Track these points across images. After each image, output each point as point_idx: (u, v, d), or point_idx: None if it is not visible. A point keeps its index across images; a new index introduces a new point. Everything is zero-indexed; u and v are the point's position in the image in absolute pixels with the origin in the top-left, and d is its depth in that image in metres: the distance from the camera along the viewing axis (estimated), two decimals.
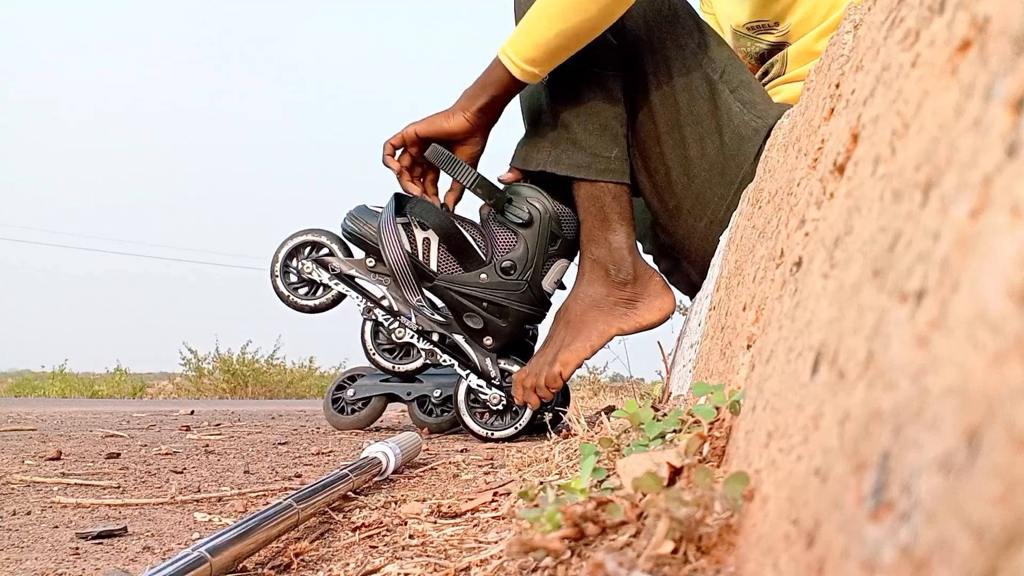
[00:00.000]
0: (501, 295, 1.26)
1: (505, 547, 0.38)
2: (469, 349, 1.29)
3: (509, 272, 1.25)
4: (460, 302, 1.26)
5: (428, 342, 1.29)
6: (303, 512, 0.54)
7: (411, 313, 1.28)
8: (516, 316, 1.27)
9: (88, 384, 8.36)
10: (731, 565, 0.28)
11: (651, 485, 0.33)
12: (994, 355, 0.13)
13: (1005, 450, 0.12)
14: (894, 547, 0.15)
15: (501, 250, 1.26)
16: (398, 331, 1.29)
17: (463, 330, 1.29)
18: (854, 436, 0.19)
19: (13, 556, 0.51)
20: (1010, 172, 0.15)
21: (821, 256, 0.31)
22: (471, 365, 1.29)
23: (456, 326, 1.29)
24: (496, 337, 1.28)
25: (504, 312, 1.26)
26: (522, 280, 1.26)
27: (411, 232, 1.26)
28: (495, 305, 1.26)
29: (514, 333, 1.28)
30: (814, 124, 0.45)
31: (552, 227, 1.24)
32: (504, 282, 1.25)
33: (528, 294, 1.26)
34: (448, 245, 1.25)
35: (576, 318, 1.26)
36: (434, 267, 1.26)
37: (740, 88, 1.20)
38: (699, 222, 1.24)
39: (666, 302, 1.29)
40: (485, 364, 1.29)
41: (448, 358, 1.29)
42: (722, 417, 0.45)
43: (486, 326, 1.27)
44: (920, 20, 0.25)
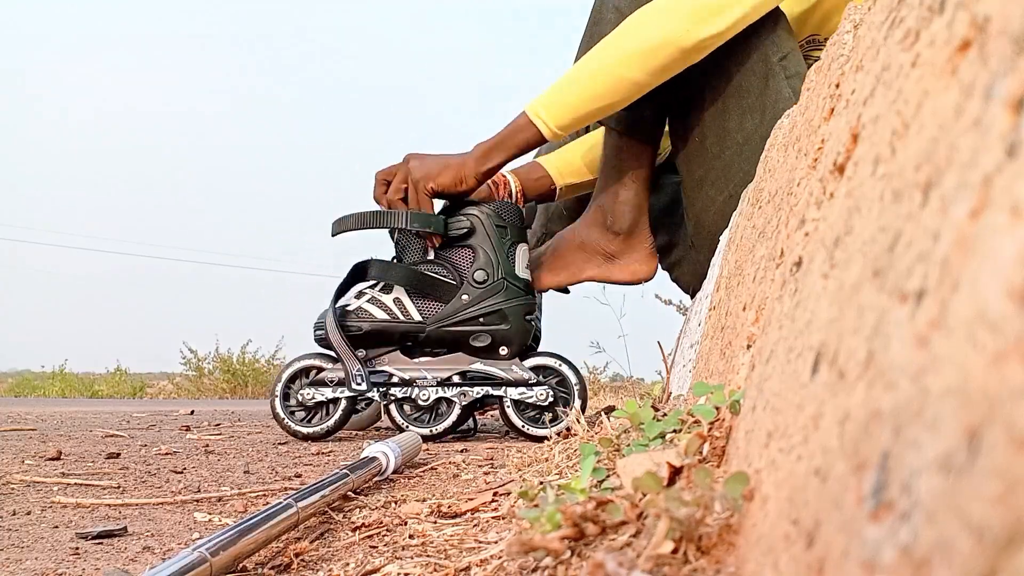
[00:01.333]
0: (490, 303, 1.27)
1: (505, 547, 0.38)
2: (492, 368, 1.28)
3: (484, 281, 1.27)
4: (460, 331, 1.27)
5: (453, 387, 1.28)
6: (303, 512, 0.54)
7: (423, 372, 1.28)
8: (514, 314, 1.27)
9: (88, 384, 8.36)
10: (731, 565, 0.28)
11: (651, 485, 0.33)
12: (994, 355, 0.13)
13: (1005, 450, 0.12)
14: (894, 547, 0.15)
15: (465, 267, 1.28)
16: (422, 395, 1.27)
17: (476, 355, 1.28)
18: (854, 436, 0.19)
19: (13, 556, 0.51)
20: (1010, 172, 0.15)
21: (821, 256, 0.31)
22: (503, 381, 1.28)
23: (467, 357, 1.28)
24: (507, 343, 1.28)
25: (502, 316, 1.27)
26: (499, 280, 1.28)
27: (379, 302, 1.27)
28: (490, 314, 1.27)
29: (521, 331, 1.29)
30: (814, 124, 0.45)
31: (496, 222, 1.28)
32: (485, 290, 1.27)
33: (512, 288, 1.28)
34: (418, 291, 1.27)
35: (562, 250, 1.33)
36: (418, 317, 1.27)
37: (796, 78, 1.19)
38: (720, 194, 1.23)
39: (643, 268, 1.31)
40: (513, 372, 1.28)
41: (479, 389, 1.28)
42: (722, 417, 0.45)
43: (493, 338, 1.27)
44: (920, 20, 0.25)
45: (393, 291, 1.28)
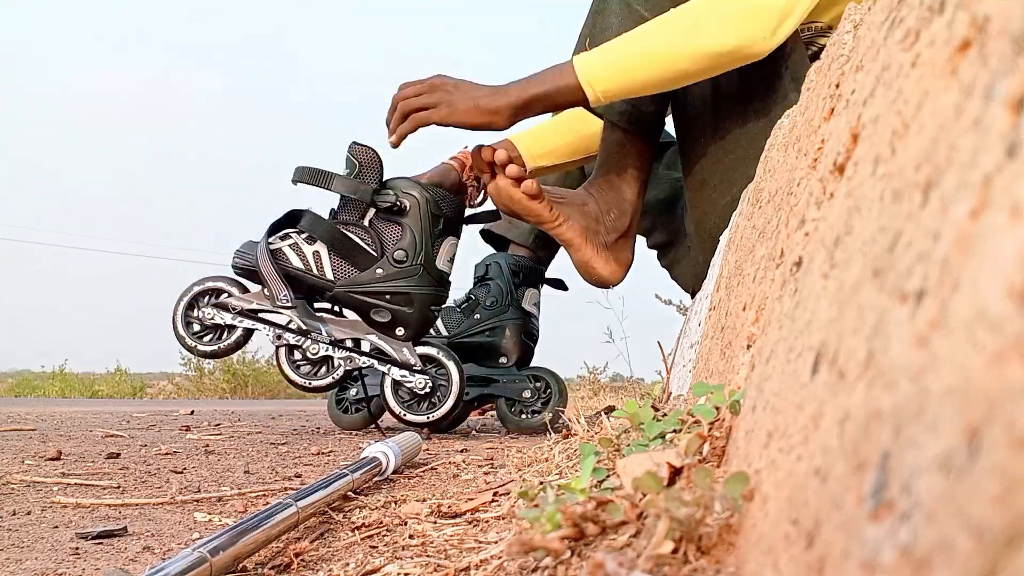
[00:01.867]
0: (401, 284, 1.29)
1: (505, 547, 0.38)
2: (384, 344, 1.31)
3: (402, 261, 1.29)
4: (364, 301, 1.29)
5: (343, 349, 1.30)
6: (303, 512, 0.54)
7: (320, 327, 1.30)
8: (420, 301, 1.30)
9: (88, 384, 8.35)
10: (731, 565, 0.28)
11: (651, 485, 0.33)
12: (994, 355, 0.13)
13: (1005, 450, 0.12)
14: (894, 547, 0.15)
15: (390, 242, 1.30)
16: (312, 348, 1.29)
17: (374, 327, 1.31)
18: (854, 436, 0.19)
19: (13, 556, 0.51)
20: (1010, 172, 0.15)
21: (821, 256, 0.31)
22: (390, 359, 1.31)
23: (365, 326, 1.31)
24: (406, 326, 1.31)
25: (408, 299, 1.30)
26: (416, 264, 1.30)
27: (299, 250, 1.29)
28: (398, 295, 1.29)
29: (422, 318, 1.32)
30: (814, 124, 0.45)
31: (432, 209, 1.30)
32: (400, 271, 1.29)
33: (426, 277, 1.31)
34: (338, 251, 1.29)
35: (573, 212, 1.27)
36: (330, 276, 1.29)
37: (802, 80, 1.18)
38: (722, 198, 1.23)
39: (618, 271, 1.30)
40: (403, 354, 1.31)
41: (366, 359, 1.31)
42: (722, 417, 0.45)
43: (394, 317, 1.30)
44: (920, 20, 0.25)
45: (316, 244, 1.30)
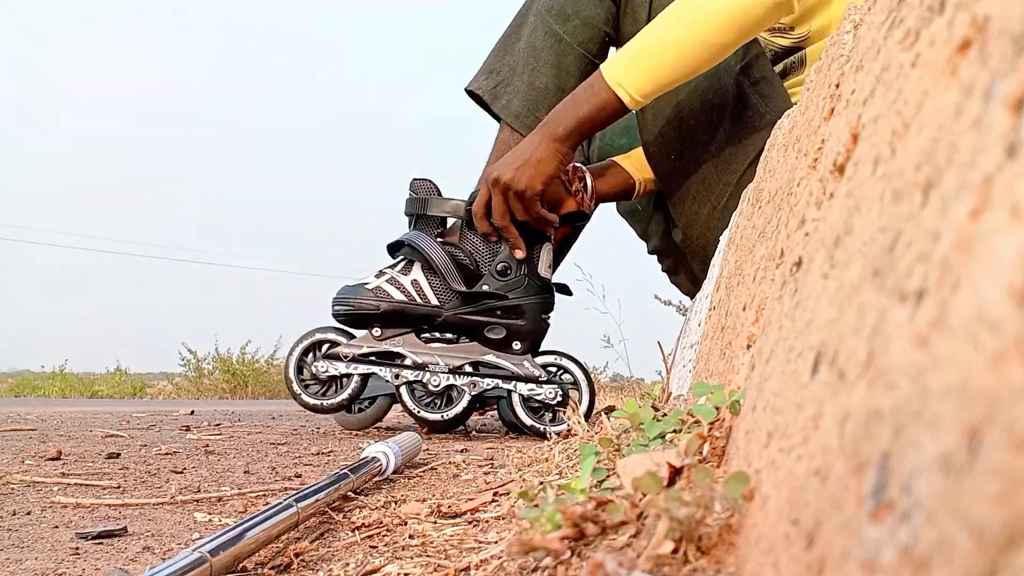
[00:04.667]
0: (510, 297, 1.27)
1: (505, 547, 0.38)
2: (503, 361, 1.28)
3: (506, 273, 1.27)
4: (476, 320, 1.27)
5: (464, 375, 1.27)
6: (303, 512, 0.54)
7: (436, 357, 1.27)
8: (532, 311, 1.28)
9: (88, 384, 8.35)
10: (731, 565, 0.28)
11: (651, 485, 0.33)
12: (994, 355, 0.13)
13: (1005, 450, 0.12)
14: (894, 547, 0.15)
15: (487, 257, 1.28)
16: (432, 380, 1.26)
17: (489, 346, 1.28)
18: (854, 436, 0.19)
19: (13, 556, 0.51)
20: (1010, 172, 0.15)
21: (821, 256, 0.31)
22: (515, 376, 1.28)
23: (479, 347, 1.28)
24: (522, 339, 1.28)
25: (519, 311, 1.27)
26: (521, 275, 1.27)
27: (397, 282, 1.27)
28: (509, 308, 1.27)
29: (536, 329, 1.29)
30: (814, 124, 0.45)
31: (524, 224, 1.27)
32: (506, 283, 1.26)
33: (532, 286, 1.28)
34: (437, 274, 1.26)
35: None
36: (435, 301, 1.26)
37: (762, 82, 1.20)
38: (702, 208, 1.25)
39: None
40: (525, 367, 1.28)
41: (490, 381, 1.28)
42: (722, 417, 0.45)
43: (509, 332, 1.27)
44: (920, 20, 0.25)
45: (412, 272, 1.27)
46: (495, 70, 1.26)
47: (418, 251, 1.26)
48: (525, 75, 1.22)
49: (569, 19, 1.21)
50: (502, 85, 1.24)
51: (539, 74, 1.22)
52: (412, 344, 1.28)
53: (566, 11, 1.21)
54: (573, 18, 1.21)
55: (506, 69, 1.25)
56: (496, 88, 1.25)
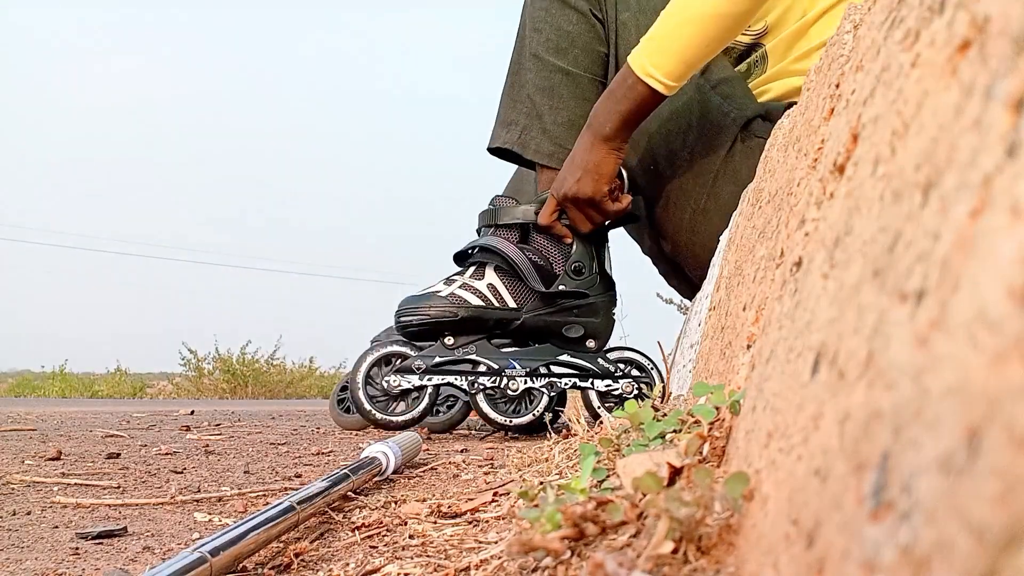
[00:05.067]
0: (586, 295, 1.27)
1: (505, 547, 0.38)
2: (580, 360, 1.28)
3: (581, 272, 1.27)
4: (554, 321, 1.27)
5: (541, 377, 1.27)
6: (303, 512, 0.54)
7: (511, 361, 1.27)
8: (605, 309, 1.29)
9: (88, 384, 8.36)
10: (731, 565, 0.28)
11: (651, 485, 0.33)
12: (994, 355, 0.13)
13: (1005, 450, 0.12)
14: (894, 547, 0.15)
15: (560, 257, 1.28)
16: (511, 385, 1.25)
17: (565, 345, 1.28)
18: (854, 436, 0.19)
19: (13, 556, 0.51)
20: (1010, 172, 0.15)
21: (821, 256, 0.31)
22: (591, 373, 1.28)
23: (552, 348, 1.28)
24: (597, 337, 1.29)
25: (595, 310, 1.28)
26: (594, 274, 1.28)
27: (471, 287, 1.26)
28: (585, 307, 1.27)
29: (609, 325, 1.30)
30: (814, 124, 0.45)
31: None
32: (581, 282, 1.27)
33: (603, 284, 1.29)
34: (514, 277, 1.26)
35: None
36: (513, 304, 1.26)
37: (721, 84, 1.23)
38: (684, 213, 1.27)
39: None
40: (600, 364, 1.28)
41: (568, 380, 1.27)
42: (722, 417, 0.45)
43: (586, 330, 1.28)
44: (920, 20, 0.25)
45: (486, 276, 1.26)
46: (513, 121, 1.27)
47: (495, 254, 1.26)
48: (546, 116, 1.24)
49: (567, 52, 1.24)
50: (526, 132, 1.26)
51: (559, 111, 1.24)
52: (486, 350, 1.27)
53: (562, 45, 1.24)
54: (571, 49, 1.24)
55: (523, 117, 1.26)
56: (522, 137, 1.26)
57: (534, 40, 1.25)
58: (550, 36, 1.24)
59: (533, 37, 1.25)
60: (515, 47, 1.29)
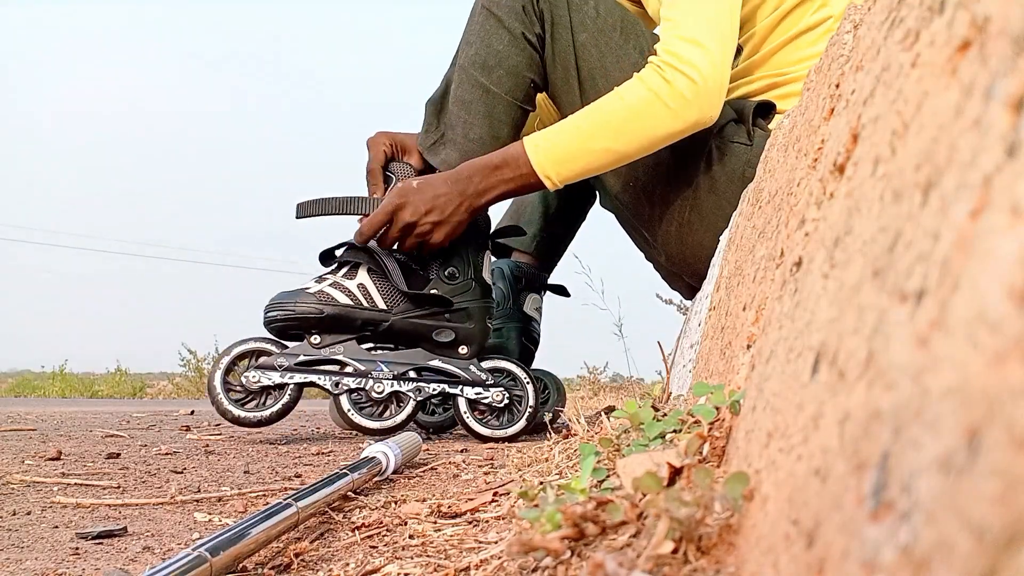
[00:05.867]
0: (458, 300, 1.27)
1: (505, 547, 0.38)
2: (449, 366, 1.27)
3: (455, 277, 1.28)
4: (424, 324, 1.26)
5: (409, 381, 1.25)
6: (303, 512, 0.54)
7: (378, 363, 1.25)
8: (479, 315, 1.28)
9: (88, 384, 8.35)
10: (731, 565, 0.28)
11: (651, 485, 0.33)
12: (994, 355, 0.13)
13: (1005, 450, 0.12)
14: (894, 547, 0.15)
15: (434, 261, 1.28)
16: (376, 387, 1.23)
17: (435, 350, 1.27)
18: (854, 436, 0.19)
19: (13, 556, 0.51)
20: (1010, 172, 0.15)
21: (821, 256, 0.31)
22: (461, 379, 1.27)
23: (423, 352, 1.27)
24: (469, 343, 1.28)
25: (468, 315, 1.27)
26: (468, 279, 1.29)
27: (342, 286, 1.25)
28: (458, 312, 1.27)
29: (483, 331, 1.30)
30: (814, 124, 0.45)
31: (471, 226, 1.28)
32: (455, 287, 1.27)
33: (478, 290, 1.29)
34: (385, 280, 1.25)
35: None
36: (383, 305, 1.25)
37: None
38: (670, 226, 1.29)
39: None
40: (471, 372, 1.27)
41: (435, 386, 1.26)
42: (722, 417, 0.45)
43: (457, 335, 1.27)
44: (920, 20, 0.25)
45: (357, 276, 1.25)
46: (432, 126, 1.30)
47: (366, 254, 1.25)
48: (459, 128, 1.26)
49: (493, 70, 1.25)
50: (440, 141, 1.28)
51: (472, 126, 1.26)
52: (353, 351, 1.24)
53: (489, 63, 1.25)
54: (496, 69, 1.25)
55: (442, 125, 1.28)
56: (435, 145, 1.28)
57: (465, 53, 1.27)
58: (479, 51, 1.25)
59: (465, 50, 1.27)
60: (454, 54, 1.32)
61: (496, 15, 1.25)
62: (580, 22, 1.24)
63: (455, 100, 1.27)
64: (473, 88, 1.25)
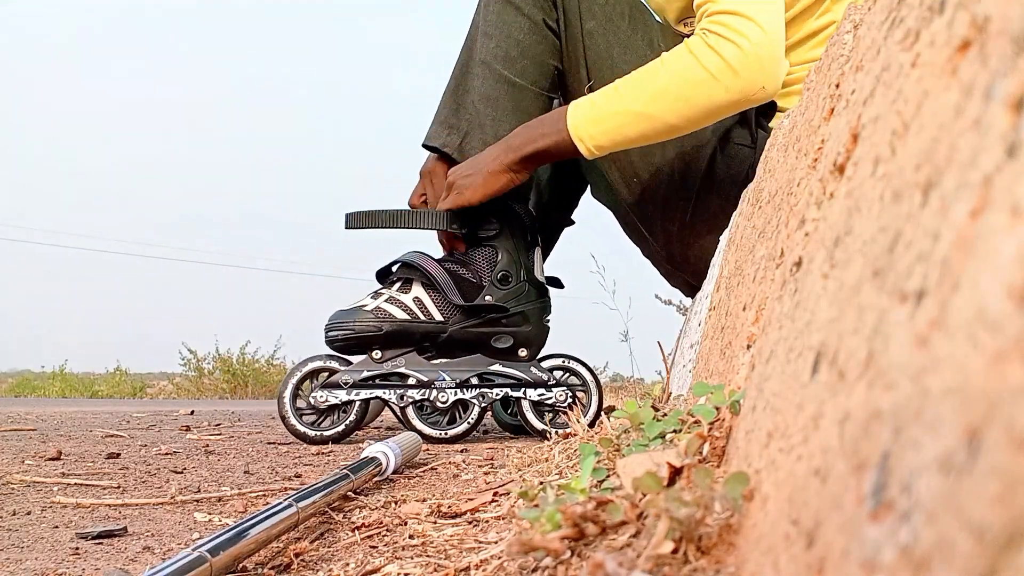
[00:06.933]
0: (513, 304, 1.26)
1: (505, 547, 0.38)
2: (510, 370, 1.27)
3: (508, 280, 1.26)
4: (482, 332, 1.26)
5: (472, 388, 1.26)
6: (303, 512, 0.54)
7: (440, 373, 1.25)
8: (535, 316, 1.28)
9: (88, 384, 8.36)
10: (731, 565, 0.28)
11: (651, 485, 0.33)
12: (994, 355, 0.13)
13: (1005, 450, 0.12)
14: (894, 547, 0.15)
15: (486, 267, 1.27)
16: (440, 397, 1.24)
17: (496, 356, 1.27)
18: (854, 436, 0.19)
19: (13, 556, 0.51)
20: (1010, 172, 0.15)
21: (821, 256, 0.31)
22: (524, 382, 1.27)
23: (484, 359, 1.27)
24: (528, 345, 1.27)
25: (524, 318, 1.27)
26: (522, 281, 1.27)
27: (397, 301, 1.25)
28: (514, 316, 1.26)
29: (541, 333, 1.29)
30: (814, 124, 0.45)
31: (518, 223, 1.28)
32: (508, 292, 1.26)
33: (532, 291, 1.28)
34: (438, 290, 1.25)
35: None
36: (440, 317, 1.24)
37: None
38: (672, 226, 1.29)
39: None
40: (532, 373, 1.27)
41: (498, 390, 1.26)
42: (722, 417, 0.45)
43: (516, 340, 1.27)
44: (920, 20, 0.25)
45: (412, 290, 1.25)
46: (454, 125, 1.26)
47: (417, 269, 1.25)
48: (488, 126, 1.24)
49: (516, 62, 1.22)
50: (467, 140, 1.25)
51: (501, 122, 1.23)
52: (414, 363, 1.25)
53: (511, 55, 1.22)
54: (520, 59, 1.22)
55: (465, 123, 1.25)
56: (462, 144, 1.25)
57: (484, 46, 1.24)
58: (500, 44, 1.23)
59: (484, 43, 1.24)
60: (464, 47, 1.28)
61: (513, 3, 1.22)
62: (588, 9, 1.22)
63: (480, 97, 1.24)
64: (498, 83, 1.23)
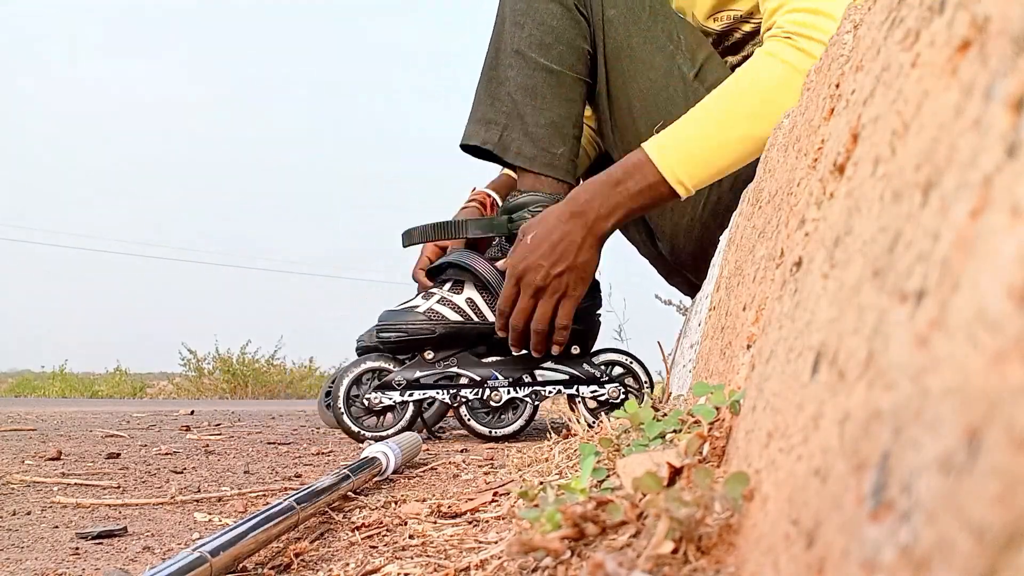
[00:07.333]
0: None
1: (505, 547, 0.38)
2: (564, 367, 1.26)
3: None
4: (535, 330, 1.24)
5: (525, 386, 1.25)
6: (303, 512, 0.54)
7: (493, 372, 1.25)
8: (586, 312, 1.26)
9: (88, 384, 8.36)
10: (731, 565, 0.28)
11: (651, 485, 0.33)
12: (994, 355, 0.13)
13: (1005, 450, 0.12)
14: (894, 547, 0.15)
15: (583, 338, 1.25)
16: (494, 396, 1.24)
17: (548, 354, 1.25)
18: (854, 436, 0.19)
19: (13, 556, 0.51)
20: (1010, 172, 0.15)
21: (821, 256, 0.31)
22: (576, 379, 1.26)
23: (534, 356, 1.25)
24: (580, 341, 1.26)
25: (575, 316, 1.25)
26: None
27: (450, 302, 1.24)
28: None
29: (592, 329, 1.28)
30: (814, 124, 0.45)
31: None
32: None
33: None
34: (491, 291, 1.24)
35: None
36: (492, 318, 1.23)
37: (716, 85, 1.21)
38: (682, 219, 1.27)
39: None
40: (584, 369, 1.26)
41: (551, 388, 1.25)
42: (722, 417, 0.45)
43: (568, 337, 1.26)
44: (920, 20, 0.25)
45: (464, 291, 1.25)
46: (492, 120, 1.22)
47: (468, 270, 1.24)
48: (529, 116, 1.20)
49: (551, 48, 1.19)
50: (507, 133, 1.21)
51: (542, 111, 1.20)
52: (467, 362, 1.25)
53: (546, 41, 1.19)
54: (556, 46, 1.19)
55: (503, 117, 1.21)
56: (502, 138, 1.21)
57: (516, 35, 1.20)
58: (533, 32, 1.19)
59: (514, 32, 1.20)
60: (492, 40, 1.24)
61: None
62: None
63: (517, 88, 1.20)
64: (535, 71, 1.19)
